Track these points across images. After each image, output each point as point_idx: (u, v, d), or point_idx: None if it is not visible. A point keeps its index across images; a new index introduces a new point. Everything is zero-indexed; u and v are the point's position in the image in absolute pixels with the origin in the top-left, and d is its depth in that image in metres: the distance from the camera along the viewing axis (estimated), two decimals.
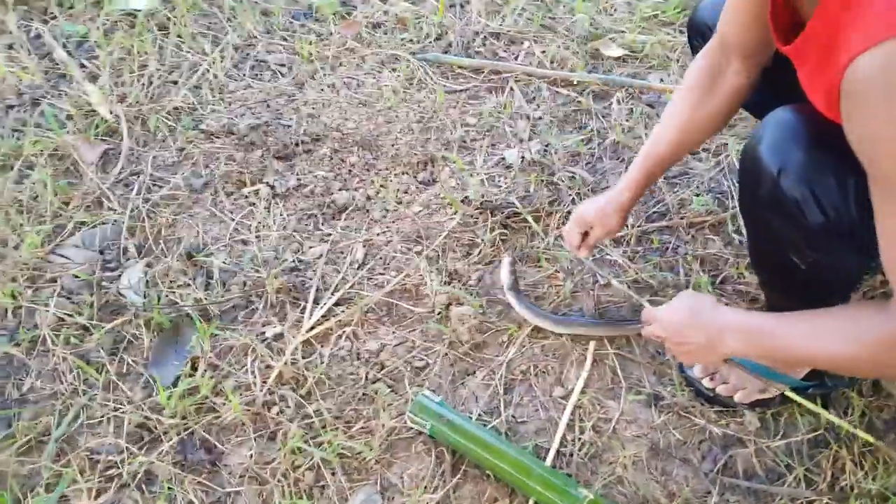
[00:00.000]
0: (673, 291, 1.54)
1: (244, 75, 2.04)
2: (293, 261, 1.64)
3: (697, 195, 1.67)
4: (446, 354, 1.49)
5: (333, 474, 1.34)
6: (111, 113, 1.95)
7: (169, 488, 1.32)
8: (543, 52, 2.09)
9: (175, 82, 2.03)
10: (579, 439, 1.37)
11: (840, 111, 0.85)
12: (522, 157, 1.79)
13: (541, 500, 1.26)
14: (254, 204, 1.76)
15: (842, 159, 0.90)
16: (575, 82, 1.93)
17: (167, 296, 1.58)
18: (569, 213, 1.67)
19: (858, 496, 1.25)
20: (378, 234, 1.69)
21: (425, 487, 1.31)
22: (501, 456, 1.29)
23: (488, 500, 1.31)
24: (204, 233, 1.71)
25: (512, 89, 1.96)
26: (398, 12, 2.24)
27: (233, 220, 1.73)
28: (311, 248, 1.67)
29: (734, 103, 1.28)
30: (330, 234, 1.69)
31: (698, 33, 1.38)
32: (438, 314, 1.54)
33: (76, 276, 1.61)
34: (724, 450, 1.34)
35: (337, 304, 1.57)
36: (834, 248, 1.03)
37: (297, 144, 1.86)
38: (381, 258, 1.65)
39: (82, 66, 2.08)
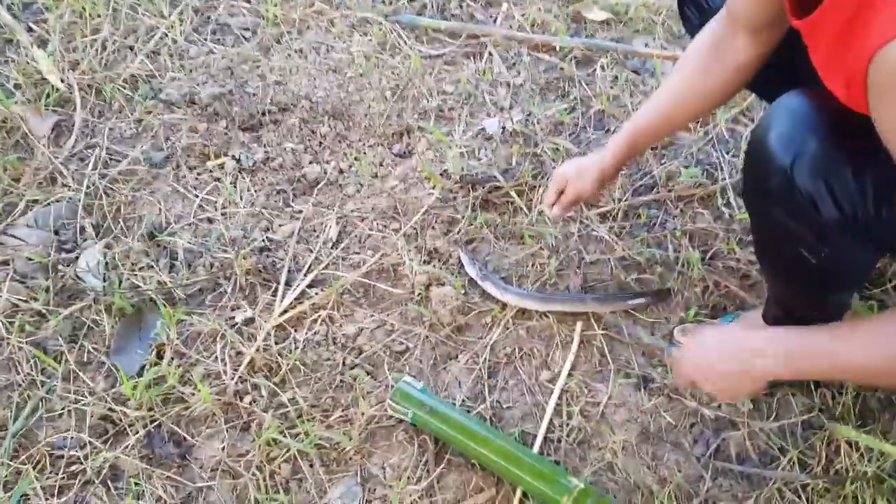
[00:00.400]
0: (661, 269, 1.48)
1: (205, 40, 1.92)
2: (263, 240, 1.55)
3: (686, 167, 1.61)
4: (427, 338, 1.42)
5: (311, 466, 1.28)
6: (63, 81, 1.83)
7: (136, 484, 1.25)
8: (523, 14, 1.99)
9: (131, 48, 1.90)
10: (567, 424, 1.32)
11: (866, 101, 0.78)
12: (503, 128, 1.71)
13: (528, 490, 1.21)
14: (219, 179, 1.66)
15: (859, 150, 0.83)
16: (557, 47, 1.85)
17: (128, 279, 1.49)
18: None
19: (854, 479, 1.22)
20: (352, 211, 1.60)
21: (408, 478, 1.26)
22: (487, 444, 1.23)
23: (474, 490, 1.25)
24: (166, 210, 1.61)
25: (491, 54, 1.87)
26: None
27: (197, 196, 1.63)
28: (281, 226, 1.58)
29: (738, 81, 1.19)
30: (301, 211, 1.60)
31: (691, 1, 1.30)
32: (418, 295, 1.46)
33: (30, 259, 1.51)
34: (715, 433, 1.30)
35: (310, 285, 1.49)
36: (847, 243, 0.97)
37: (263, 114, 1.75)
38: (356, 236, 1.57)
39: (30, 29, 1.94)
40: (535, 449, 1.28)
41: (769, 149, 0.95)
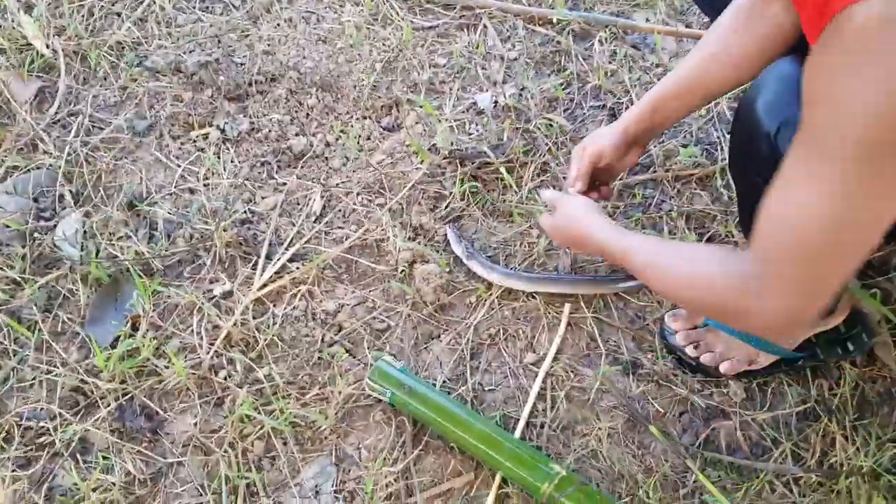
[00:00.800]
0: None
1: (194, 7, 1.86)
2: (244, 212, 1.50)
3: (685, 146, 1.55)
4: (409, 316, 1.38)
5: (285, 444, 1.24)
6: (48, 47, 1.78)
7: (105, 458, 1.22)
8: None
9: (118, 14, 1.85)
10: (551, 409, 1.27)
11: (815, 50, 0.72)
12: (496, 102, 1.65)
13: (508, 476, 1.17)
14: (202, 149, 1.61)
15: None
16: (554, 20, 1.78)
17: (106, 248, 1.44)
18: (544, 163, 1.55)
19: (849, 473, 1.17)
20: (337, 185, 1.55)
21: (384, 459, 1.22)
22: (467, 427, 1.19)
23: (452, 474, 1.21)
24: (147, 180, 1.56)
25: (485, 27, 1.80)
26: None
27: (179, 166, 1.58)
28: (264, 198, 1.53)
29: (774, 49, 1.08)
30: (285, 184, 1.55)
31: None
32: (401, 272, 1.42)
33: (7, 226, 1.47)
34: (706, 422, 1.25)
35: (291, 259, 1.44)
36: None
37: (250, 84, 1.70)
38: (340, 211, 1.52)
39: None
40: (517, 434, 1.23)
41: (755, 115, 0.90)
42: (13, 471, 1.20)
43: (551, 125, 1.59)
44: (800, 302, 0.81)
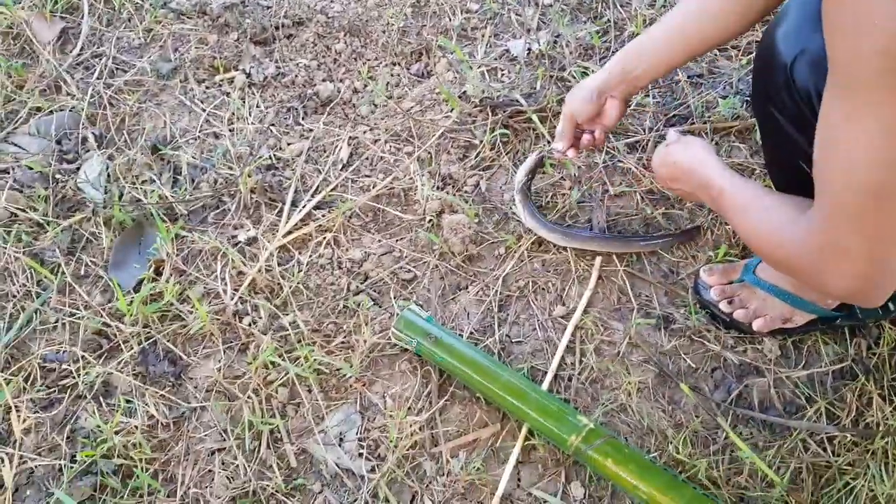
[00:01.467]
0: (691, 204, 1.39)
1: None
2: (270, 158, 1.47)
3: (724, 97, 1.49)
4: (436, 266, 1.35)
5: (309, 391, 1.22)
6: None
7: (128, 401, 1.21)
8: None
9: None
10: (580, 362, 1.25)
11: None
12: (529, 49, 1.60)
13: (535, 427, 1.14)
14: (227, 93, 1.58)
15: None
16: None
17: (129, 192, 1.42)
18: None
19: (885, 434, 1.14)
20: (365, 132, 1.52)
21: (409, 409, 1.20)
22: (493, 378, 1.17)
23: (477, 425, 1.19)
24: (171, 124, 1.53)
25: None
26: None
27: (203, 110, 1.55)
28: (289, 144, 1.50)
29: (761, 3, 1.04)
30: (311, 130, 1.52)
31: None
32: (429, 222, 1.38)
33: (29, 168, 1.45)
34: (738, 379, 1.22)
35: (317, 207, 1.41)
36: None
37: (276, 28, 1.66)
38: (367, 158, 1.48)
39: None
40: (545, 386, 1.21)
41: (774, 44, 0.85)
42: (35, 412, 1.20)
43: (586, 73, 1.54)
44: (873, 258, 0.76)
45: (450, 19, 1.67)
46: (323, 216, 1.39)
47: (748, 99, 1.50)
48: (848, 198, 0.74)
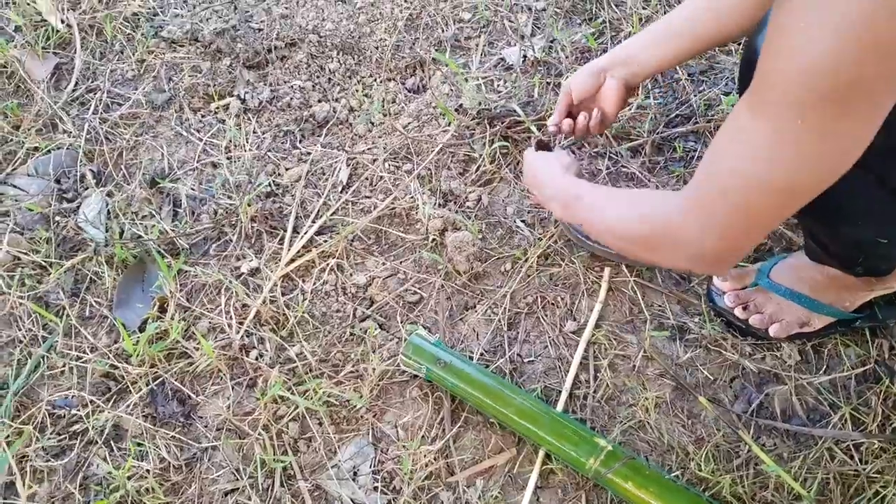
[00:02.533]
0: None
1: None
2: (269, 184, 1.45)
3: (726, 94, 1.45)
4: (442, 287, 1.32)
5: (320, 425, 1.20)
6: (63, 22, 1.73)
7: (139, 444, 1.19)
8: None
9: None
10: (595, 379, 1.22)
11: None
12: (524, 56, 1.57)
13: (552, 451, 1.12)
14: (223, 121, 1.56)
15: None
16: None
17: (130, 229, 1.41)
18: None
19: None
20: (363, 151, 1.49)
21: (422, 438, 1.17)
22: (506, 402, 1.14)
23: (493, 451, 1.17)
24: (169, 155, 1.52)
25: None
26: None
27: (200, 139, 1.53)
28: (288, 169, 1.48)
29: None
30: (309, 153, 1.50)
31: None
32: (433, 241, 1.36)
33: (30, 209, 1.44)
34: (758, 388, 1.19)
35: (319, 232, 1.39)
36: None
37: (269, 51, 1.64)
38: (367, 179, 1.46)
39: None
40: (560, 406, 1.18)
41: (754, 50, 0.82)
42: (47, 460, 1.19)
43: None
44: (720, 237, 0.80)
45: (443, 30, 1.64)
46: (325, 241, 1.37)
47: None
48: (719, 185, 0.76)
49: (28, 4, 1.74)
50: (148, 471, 1.16)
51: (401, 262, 1.35)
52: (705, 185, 0.79)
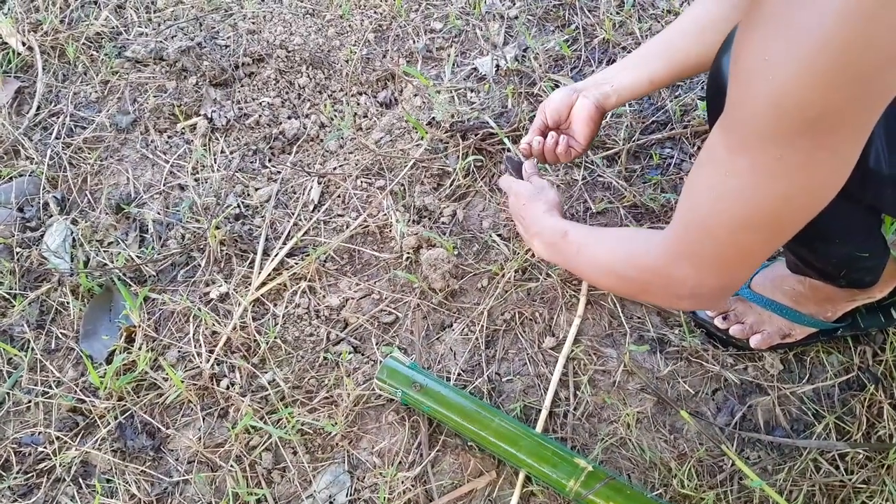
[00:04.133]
0: None
1: None
2: (238, 206, 1.42)
3: (703, 99, 1.43)
4: (418, 306, 1.29)
5: (294, 454, 1.17)
6: (24, 45, 1.70)
7: (108, 480, 1.16)
8: None
9: (95, 2, 1.76)
10: (575, 396, 1.19)
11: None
12: (497, 66, 1.54)
13: (532, 473, 1.09)
14: (190, 141, 1.52)
15: None
16: None
17: (96, 256, 1.37)
18: None
19: None
20: (335, 169, 1.46)
21: (399, 464, 1.14)
22: (484, 424, 1.11)
23: (472, 474, 1.14)
24: (134, 179, 1.48)
25: None
26: None
27: (167, 162, 1.50)
28: (257, 189, 1.45)
29: None
30: (279, 172, 1.46)
31: None
32: (407, 259, 1.33)
33: None
34: (741, 399, 1.16)
35: (290, 254, 1.36)
36: None
37: (236, 67, 1.60)
38: (338, 197, 1.43)
39: None
40: (540, 425, 1.15)
41: (721, 71, 0.80)
42: (14, 500, 1.15)
43: (558, 86, 1.48)
44: (714, 275, 0.77)
45: (414, 41, 1.61)
46: (296, 263, 1.34)
47: None
48: (703, 225, 0.74)
49: None
50: None
51: (375, 282, 1.32)
52: (691, 226, 0.76)
